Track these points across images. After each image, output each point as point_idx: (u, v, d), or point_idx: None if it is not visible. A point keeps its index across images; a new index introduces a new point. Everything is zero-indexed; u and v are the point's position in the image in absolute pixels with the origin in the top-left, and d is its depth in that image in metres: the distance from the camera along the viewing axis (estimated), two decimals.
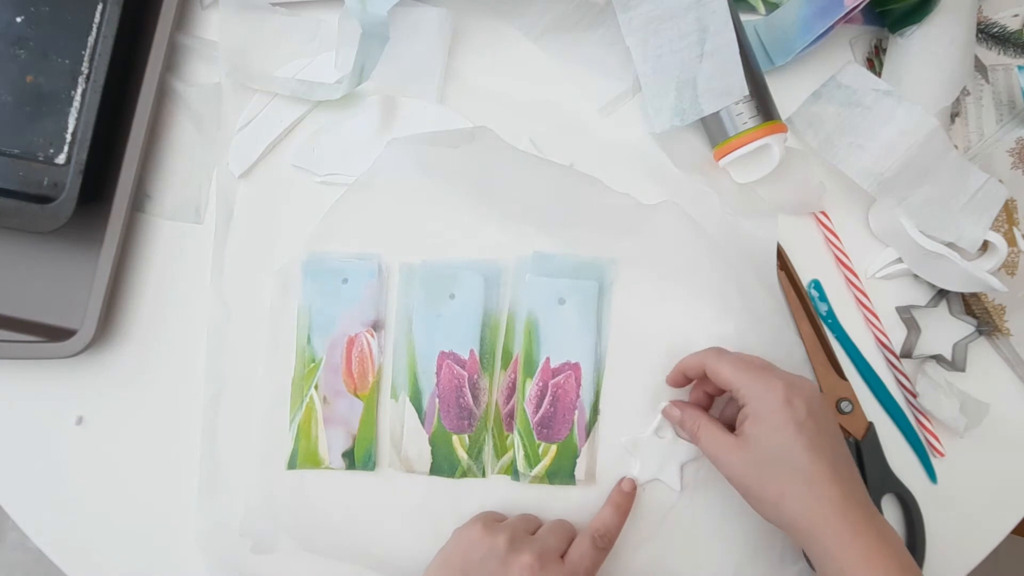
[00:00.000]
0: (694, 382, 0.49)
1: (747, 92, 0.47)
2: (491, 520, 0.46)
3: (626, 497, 0.48)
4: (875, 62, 0.52)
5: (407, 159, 0.49)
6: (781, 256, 0.51)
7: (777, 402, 0.41)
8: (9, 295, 0.49)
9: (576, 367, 0.50)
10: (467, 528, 0.46)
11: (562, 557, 0.44)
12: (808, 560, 0.48)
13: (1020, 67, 0.52)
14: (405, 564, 0.49)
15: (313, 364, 0.49)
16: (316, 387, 0.49)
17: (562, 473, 0.49)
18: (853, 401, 0.50)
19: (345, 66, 0.50)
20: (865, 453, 0.49)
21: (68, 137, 0.48)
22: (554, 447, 0.49)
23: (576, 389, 0.50)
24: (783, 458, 0.41)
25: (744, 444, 0.42)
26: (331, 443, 0.49)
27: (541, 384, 0.49)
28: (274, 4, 0.51)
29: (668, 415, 0.49)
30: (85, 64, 0.49)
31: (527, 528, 0.46)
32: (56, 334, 0.48)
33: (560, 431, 0.49)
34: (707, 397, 0.48)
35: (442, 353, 0.49)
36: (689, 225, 0.51)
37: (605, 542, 0.46)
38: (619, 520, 0.47)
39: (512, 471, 0.50)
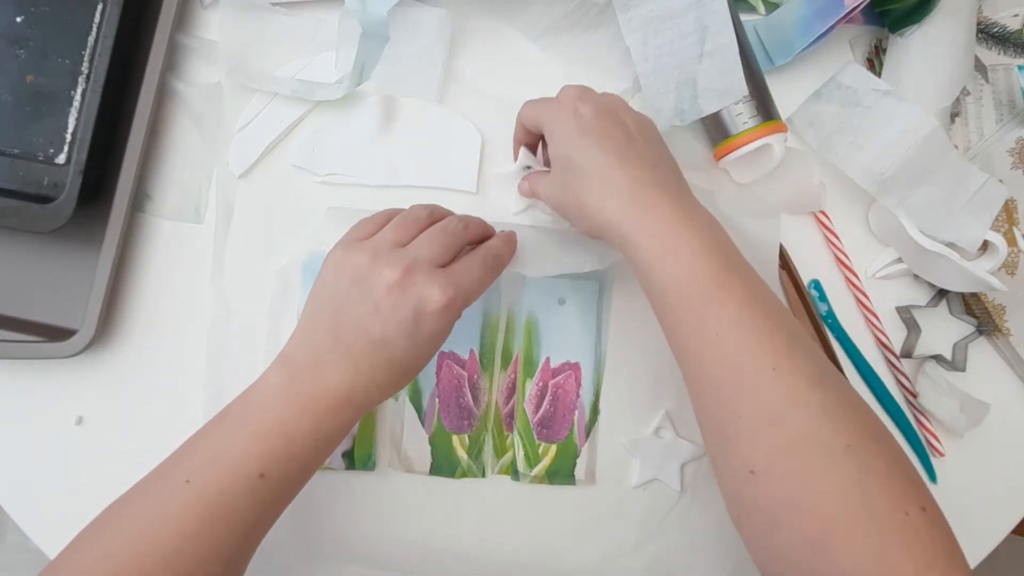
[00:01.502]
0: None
1: (746, 92, 0.47)
2: (355, 237, 0.41)
3: (514, 234, 0.45)
4: (875, 62, 0.52)
5: None
6: (783, 255, 0.51)
7: (564, 115, 0.41)
8: (9, 295, 0.49)
9: (576, 367, 0.50)
10: (330, 255, 0.40)
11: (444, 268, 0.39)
12: None
13: (1020, 67, 0.52)
14: (405, 564, 0.49)
15: None
16: None
17: (562, 473, 0.49)
18: None
19: (345, 66, 0.50)
20: None
21: (68, 137, 0.48)
22: (554, 447, 0.49)
23: (576, 389, 0.50)
24: (575, 165, 0.40)
25: (552, 170, 0.43)
26: None
27: (541, 384, 0.49)
28: (274, 4, 0.51)
29: (521, 192, 0.48)
30: (85, 64, 0.49)
31: (398, 239, 0.40)
32: (56, 334, 0.48)
33: (560, 431, 0.49)
34: None
35: (442, 353, 0.49)
36: None
37: (497, 261, 0.42)
38: (511, 249, 0.44)
39: (512, 471, 0.50)
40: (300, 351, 0.39)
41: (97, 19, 0.49)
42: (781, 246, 0.51)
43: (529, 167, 0.48)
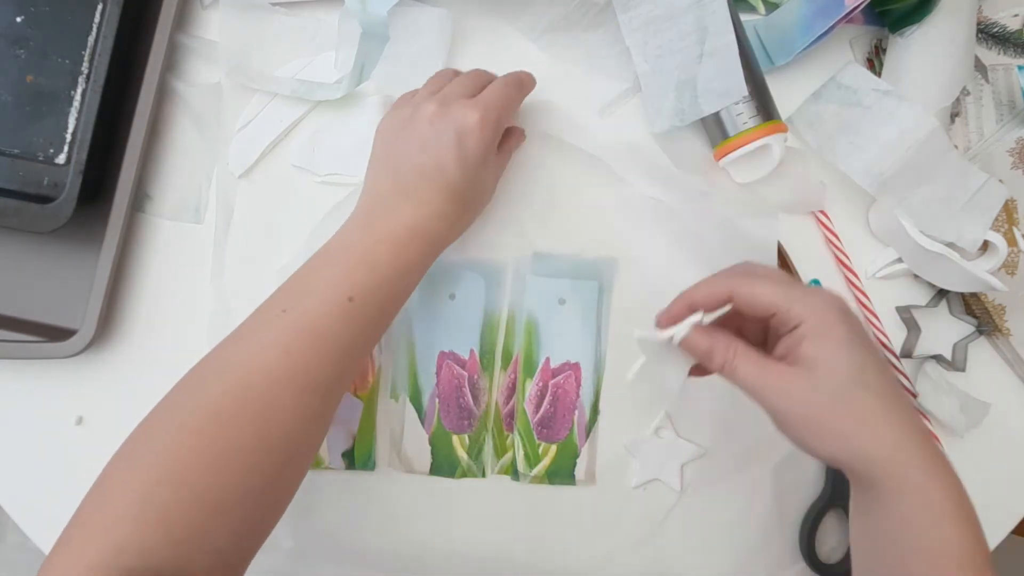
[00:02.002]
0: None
1: (746, 93, 0.47)
2: (405, 96, 0.46)
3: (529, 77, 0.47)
4: (875, 62, 0.52)
5: None
6: (782, 255, 0.51)
7: (839, 316, 0.36)
8: (9, 295, 0.49)
9: (576, 367, 0.50)
10: (380, 120, 0.45)
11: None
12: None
13: (1020, 67, 0.52)
14: (405, 564, 0.49)
15: None
16: None
17: (562, 473, 0.49)
18: None
19: (345, 66, 0.50)
20: None
21: (68, 137, 0.48)
22: (554, 447, 0.49)
23: (576, 389, 0.50)
24: (859, 380, 0.35)
25: (806, 370, 0.35)
26: (331, 443, 0.49)
27: (541, 384, 0.50)
28: (274, 4, 0.51)
29: (693, 346, 0.38)
30: (85, 64, 0.49)
31: (432, 90, 0.44)
32: (56, 334, 0.48)
33: (560, 431, 0.49)
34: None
35: (442, 353, 0.49)
36: (689, 225, 0.51)
37: (517, 81, 0.45)
38: (530, 77, 0.47)
39: (512, 471, 0.50)
40: (369, 199, 0.43)
41: (97, 19, 0.49)
42: (781, 246, 0.51)
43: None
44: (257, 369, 0.37)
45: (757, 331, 0.40)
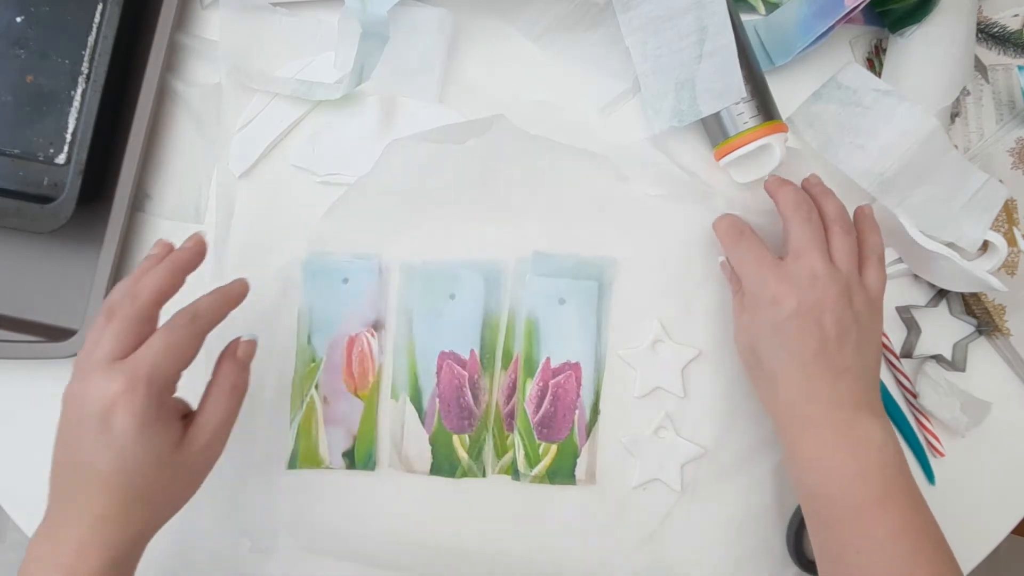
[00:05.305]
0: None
1: (744, 94, 0.47)
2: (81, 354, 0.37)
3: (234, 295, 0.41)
4: (875, 62, 0.52)
5: (408, 159, 0.49)
6: None
7: (762, 299, 0.42)
8: (9, 295, 0.49)
9: (576, 367, 0.50)
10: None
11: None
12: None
13: (1020, 67, 0.52)
14: (405, 564, 0.49)
15: (313, 364, 0.49)
16: (316, 387, 0.49)
17: (562, 473, 0.49)
18: None
19: (345, 66, 0.50)
20: None
21: (68, 137, 0.48)
22: (554, 447, 0.49)
23: (576, 389, 0.50)
24: (757, 354, 0.43)
25: (738, 327, 0.45)
26: (331, 443, 0.49)
27: (541, 384, 0.50)
28: (274, 4, 0.51)
29: (723, 267, 0.49)
30: (85, 64, 0.49)
31: (89, 349, 0.36)
32: (56, 334, 0.48)
33: (560, 431, 0.49)
34: None
35: (442, 353, 0.49)
36: (689, 225, 0.51)
37: (189, 320, 0.38)
38: (215, 303, 0.39)
39: (512, 471, 0.50)
40: (47, 508, 0.37)
41: (97, 19, 0.49)
42: None
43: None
44: None
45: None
